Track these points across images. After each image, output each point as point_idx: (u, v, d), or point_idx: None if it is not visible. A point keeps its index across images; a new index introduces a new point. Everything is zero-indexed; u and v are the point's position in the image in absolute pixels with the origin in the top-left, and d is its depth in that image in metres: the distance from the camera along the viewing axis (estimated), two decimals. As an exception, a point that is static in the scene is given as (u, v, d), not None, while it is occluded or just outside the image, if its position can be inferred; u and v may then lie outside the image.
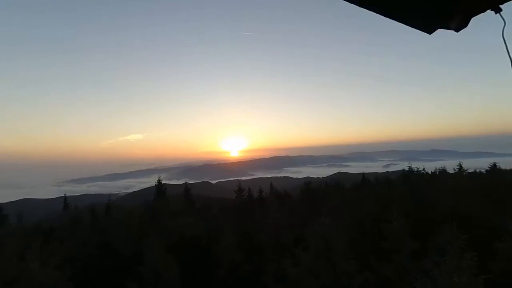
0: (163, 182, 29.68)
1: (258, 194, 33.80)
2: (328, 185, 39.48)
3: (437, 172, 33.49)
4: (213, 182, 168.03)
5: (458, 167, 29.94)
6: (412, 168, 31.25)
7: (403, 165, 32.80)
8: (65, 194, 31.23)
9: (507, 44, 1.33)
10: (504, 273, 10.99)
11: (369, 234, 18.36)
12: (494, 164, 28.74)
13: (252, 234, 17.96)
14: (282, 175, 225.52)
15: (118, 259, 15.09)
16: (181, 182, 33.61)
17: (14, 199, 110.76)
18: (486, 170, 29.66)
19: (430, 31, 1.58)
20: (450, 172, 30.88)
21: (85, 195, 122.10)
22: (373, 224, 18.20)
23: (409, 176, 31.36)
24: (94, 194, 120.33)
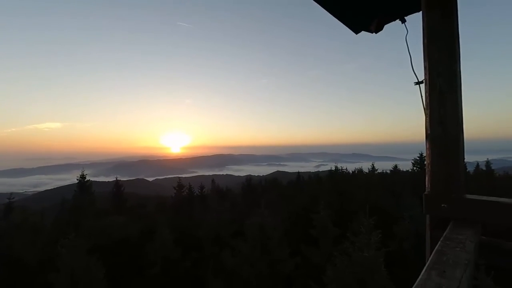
0: (89, 179, 25.85)
1: (199, 190, 33.08)
2: (267, 182, 41.68)
3: (356, 172, 39.38)
4: (150, 179, 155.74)
5: (371, 167, 36.61)
6: (337, 168, 35.89)
7: (330, 166, 37.52)
8: None
9: (410, 53, 1.77)
10: (398, 249, 14.44)
11: (300, 224, 20.25)
12: (396, 166, 36.40)
13: (191, 231, 17.52)
14: (224, 173, 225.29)
15: (22, 269, 12.55)
16: (110, 179, 30.13)
17: None
18: (390, 170, 36.70)
19: (356, 31, 1.99)
20: (365, 172, 37.06)
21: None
22: (304, 215, 20.18)
23: (334, 174, 35.97)
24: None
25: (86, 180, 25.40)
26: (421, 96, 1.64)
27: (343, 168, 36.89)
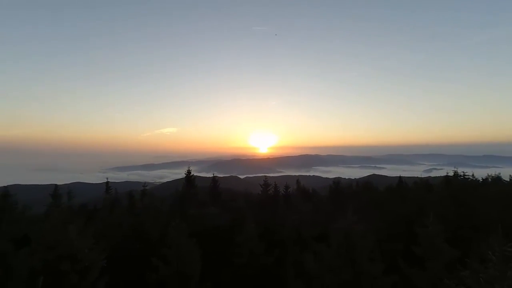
0: (194, 174, 30.89)
1: (284, 190, 33.48)
2: (359, 185, 37.53)
3: (489, 179, 29.80)
4: (241, 177, 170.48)
5: None
6: (458, 173, 27.81)
7: (447, 170, 29.37)
8: (107, 179, 34.25)
9: None
10: None
11: (400, 237, 17.10)
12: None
13: (275, 228, 17.87)
14: (311, 174, 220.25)
15: (147, 241, 16.20)
16: (210, 175, 34.65)
17: (68, 182, 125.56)
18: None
19: None
20: (505, 180, 27.35)
21: (125, 182, 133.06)
22: (406, 228, 16.89)
23: (453, 181, 28.29)
24: (133, 181, 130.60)
25: (191, 175, 30.53)
26: None
27: (467, 174, 28.57)
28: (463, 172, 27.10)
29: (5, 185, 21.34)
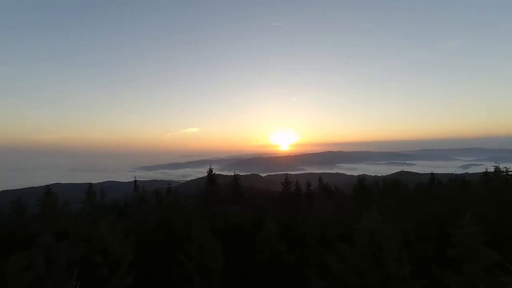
0: (215, 172, 31.62)
1: (306, 188, 32.95)
2: (387, 183, 35.68)
3: (536, 175, 26.76)
4: (262, 175, 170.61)
5: None
6: (499, 168, 25.04)
7: (487, 166, 26.74)
8: (135, 177, 36.27)
9: None
10: None
11: (433, 238, 16.00)
12: None
13: (296, 226, 17.65)
14: (334, 171, 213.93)
15: (171, 236, 16.84)
16: (232, 173, 35.13)
17: (101, 181, 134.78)
18: None
19: None
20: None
21: (152, 180, 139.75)
22: (439, 229, 15.75)
23: (493, 178, 25.71)
24: (160, 180, 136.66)
25: (213, 173, 31.22)
26: None
27: (510, 169, 25.78)
28: (506, 167, 24.39)
29: (47, 184, 23.36)
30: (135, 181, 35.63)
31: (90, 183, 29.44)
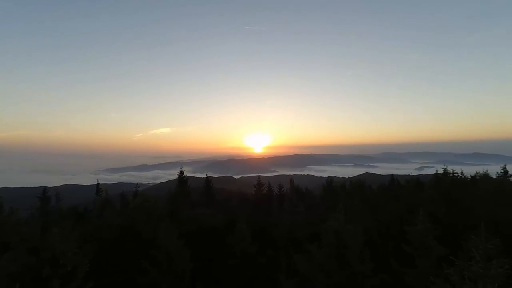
0: (188, 175, 30.68)
1: (278, 190, 33.50)
2: (353, 184, 37.76)
3: (477, 176, 30.38)
4: (236, 177, 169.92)
5: (502, 171, 27.13)
6: (447, 170, 28.26)
7: (438, 168, 29.55)
8: (97, 180, 33.70)
9: None
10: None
11: (392, 236, 17.25)
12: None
13: (267, 228, 17.84)
14: (305, 173, 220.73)
15: (137, 242, 15.97)
16: (204, 175, 34.52)
17: (59, 184, 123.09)
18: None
19: None
20: (494, 177, 27.90)
21: (118, 183, 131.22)
22: (398, 227, 17.04)
23: (443, 179, 28.72)
24: (126, 183, 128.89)
25: (184, 175, 30.28)
26: None
27: (456, 171, 29.03)
28: (453, 169, 27.54)
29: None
30: (98, 184, 33.11)
31: (45, 187, 26.75)
